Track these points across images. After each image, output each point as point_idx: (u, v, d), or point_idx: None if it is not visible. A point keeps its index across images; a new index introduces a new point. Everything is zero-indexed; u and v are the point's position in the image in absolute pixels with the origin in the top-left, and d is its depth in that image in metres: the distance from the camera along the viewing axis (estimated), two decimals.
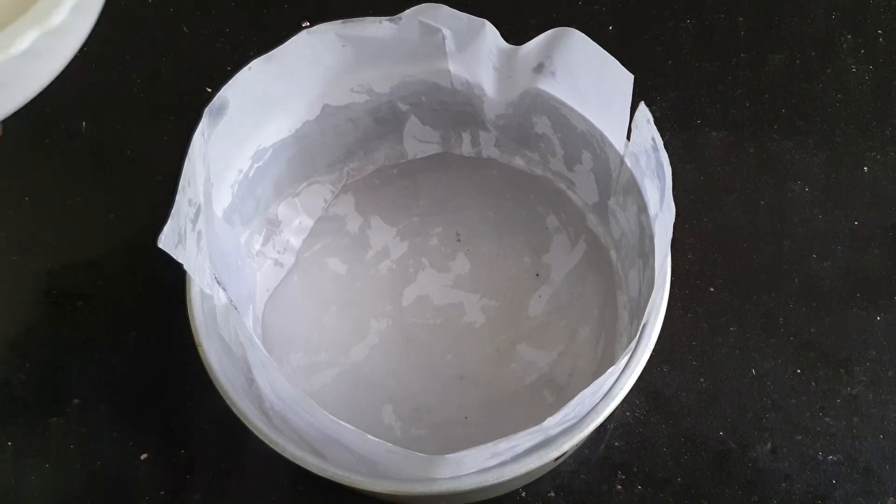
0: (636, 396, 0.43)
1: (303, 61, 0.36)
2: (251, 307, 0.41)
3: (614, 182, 0.38)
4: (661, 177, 0.32)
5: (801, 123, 0.49)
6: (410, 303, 0.43)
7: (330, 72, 0.38)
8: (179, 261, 0.29)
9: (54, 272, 0.46)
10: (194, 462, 0.42)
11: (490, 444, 0.29)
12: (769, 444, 0.42)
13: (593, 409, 0.32)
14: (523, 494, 0.41)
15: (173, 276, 0.34)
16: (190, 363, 0.34)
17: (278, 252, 0.44)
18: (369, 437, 0.28)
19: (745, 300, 0.45)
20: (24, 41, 0.21)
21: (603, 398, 0.32)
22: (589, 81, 0.35)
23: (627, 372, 0.32)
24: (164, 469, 0.42)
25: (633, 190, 0.36)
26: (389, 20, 0.35)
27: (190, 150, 0.31)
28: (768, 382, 0.43)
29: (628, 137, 0.35)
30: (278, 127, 0.39)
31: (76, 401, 0.44)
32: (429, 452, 0.29)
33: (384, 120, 0.43)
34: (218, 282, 0.34)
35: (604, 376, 0.30)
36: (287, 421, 0.33)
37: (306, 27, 0.35)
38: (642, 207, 0.36)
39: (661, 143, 0.32)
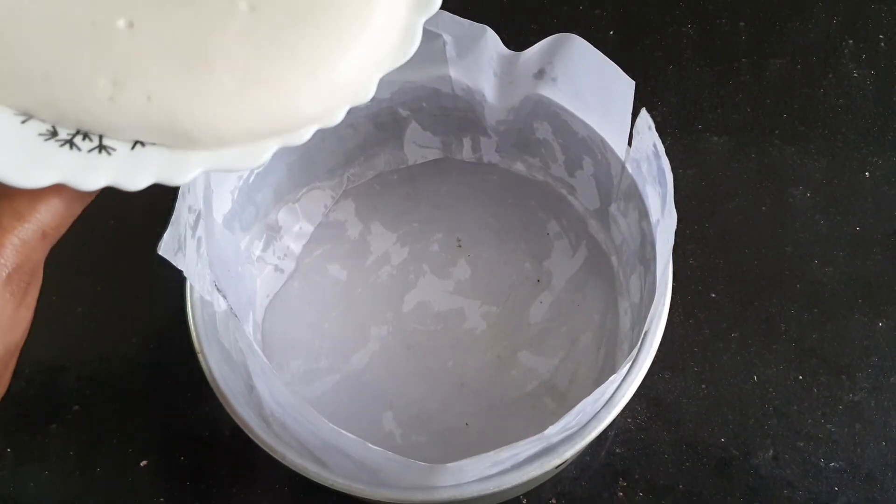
0: (637, 403, 0.43)
1: None
2: (251, 313, 0.41)
3: (615, 188, 0.38)
4: (662, 183, 0.32)
5: (802, 129, 0.49)
6: (411, 309, 0.43)
7: None
8: (179, 268, 0.29)
9: (53, 279, 0.46)
10: (194, 469, 0.42)
11: (491, 453, 0.29)
12: (771, 451, 0.42)
13: (595, 417, 0.31)
14: (524, 501, 0.41)
15: (173, 283, 0.34)
16: (190, 370, 0.34)
17: (278, 258, 0.44)
18: (370, 445, 0.28)
19: (746, 306, 0.44)
20: (267, 154, 0.21)
21: (604, 406, 0.32)
22: (590, 87, 0.35)
23: (629, 379, 0.32)
24: (163, 476, 0.42)
25: (635, 196, 0.36)
26: None
27: None
28: (770, 389, 0.43)
29: (629, 143, 0.34)
30: None
31: (76, 407, 0.44)
32: (429, 459, 0.29)
33: (384, 125, 0.42)
34: (218, 288, 0.34)
35: (605, 384, 0.30)
36: (287, 428, 0.32)
37: None
38: (644, 213, 0.36)
39: (663, 149, 0.31)
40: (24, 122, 0.21)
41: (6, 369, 0.22)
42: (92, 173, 0.20)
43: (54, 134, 0.21)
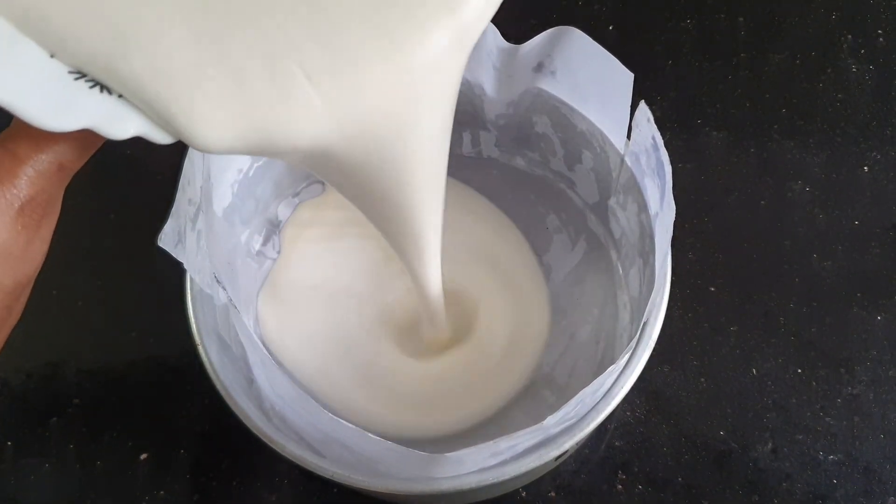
0: (637, 396, 0.43)
1: None
2: (251, 307, 0.41)
3: (614, 181, 0.38)
4: (661, 176, 0.32)
5: (801, 123, 0.49)
6: None
7: None
8: (179, 260, 0.29)
9: (53, 272, 0.46)
10: (194, 462, 0.42)
11: (490, 443, 0.29)
12: (770, 444, 0.42)
13: (593, 409, 0.32)
14: (524, 494, 0.41)
15: (173, 276, 0.34)
16: (189, 363, 0.34)
17: (278, 252, 0.44)
18: (369, 435, 0.28)
19: (745, 300, 0.45)
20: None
21: (603, 397, 0.32)
22: (589, 80, 0.35)
23: (628, 371, 0.32)
24: (163, 469, 0.42)
25: (634, 189, 0.36)
26: None
27: (190, 150, 0.31)
28: (769, 382, 0.43)
29: (628, 136, 0.34)
30: None
31: (76, 401, 0.44)
32: (428, 452, 0.29)
33: None
34: (218, 281, 0.34)
35: (604, 375, 0.30)
36: (287, 420, 0.33)
37: None
38: (642, 207, 0.36)
39: (662, 142, 0.31)
40: (52, 55, 0.19)
41: (17, 301, 0.22)
42: (122, 121, 0.19)
43: (84, 74, 0.19)
